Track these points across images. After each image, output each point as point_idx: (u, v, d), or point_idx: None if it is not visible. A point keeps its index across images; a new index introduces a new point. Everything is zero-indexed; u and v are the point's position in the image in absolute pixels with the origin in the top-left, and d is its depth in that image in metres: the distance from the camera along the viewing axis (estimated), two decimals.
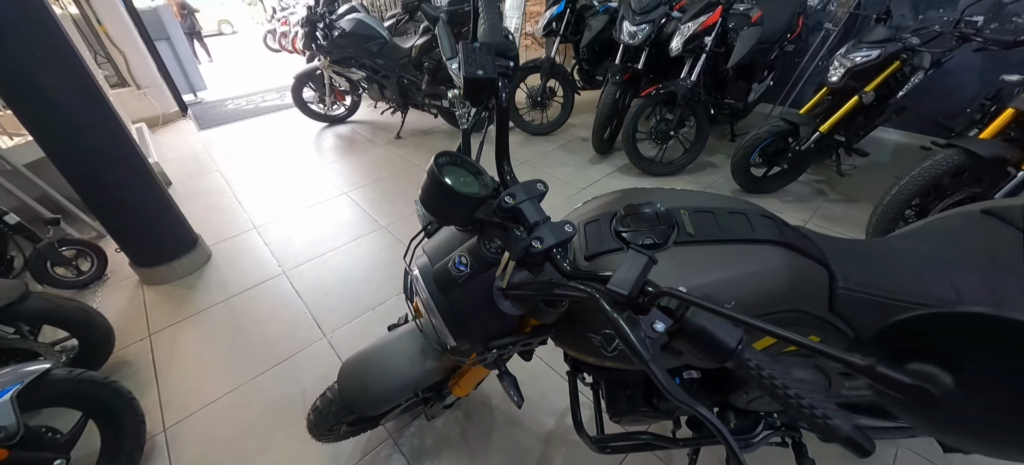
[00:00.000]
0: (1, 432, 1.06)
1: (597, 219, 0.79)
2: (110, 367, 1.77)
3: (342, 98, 4.44)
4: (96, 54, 4.22)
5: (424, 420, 1.49)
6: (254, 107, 5.23)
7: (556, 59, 3.66)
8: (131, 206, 2.06)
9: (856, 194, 2.76)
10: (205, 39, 9.05)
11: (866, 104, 2.38)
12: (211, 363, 1.79)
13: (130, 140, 2.04)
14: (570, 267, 0.63)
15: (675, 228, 0.73)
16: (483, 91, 0.68)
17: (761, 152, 2.73)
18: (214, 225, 2.75)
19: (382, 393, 0.99)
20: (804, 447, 1.10)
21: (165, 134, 4.45)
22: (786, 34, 3.32)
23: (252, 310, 2.07)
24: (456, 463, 1.38)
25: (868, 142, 3.13)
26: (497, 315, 0.73)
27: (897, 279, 0.79)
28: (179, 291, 2.21)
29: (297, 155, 3.78)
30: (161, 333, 1.96)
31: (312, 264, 2.37)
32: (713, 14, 2.78)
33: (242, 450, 1.46)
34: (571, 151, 3.57)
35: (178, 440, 1.50)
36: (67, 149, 1.84)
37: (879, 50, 2.33)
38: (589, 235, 0.78)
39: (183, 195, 3.14)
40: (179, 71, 5.38)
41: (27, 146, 2.54)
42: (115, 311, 2.08)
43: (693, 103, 2.88)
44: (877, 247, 0.88)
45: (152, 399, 1.65)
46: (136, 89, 4.50)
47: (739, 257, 0.71)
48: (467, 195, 0.64)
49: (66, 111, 1.77)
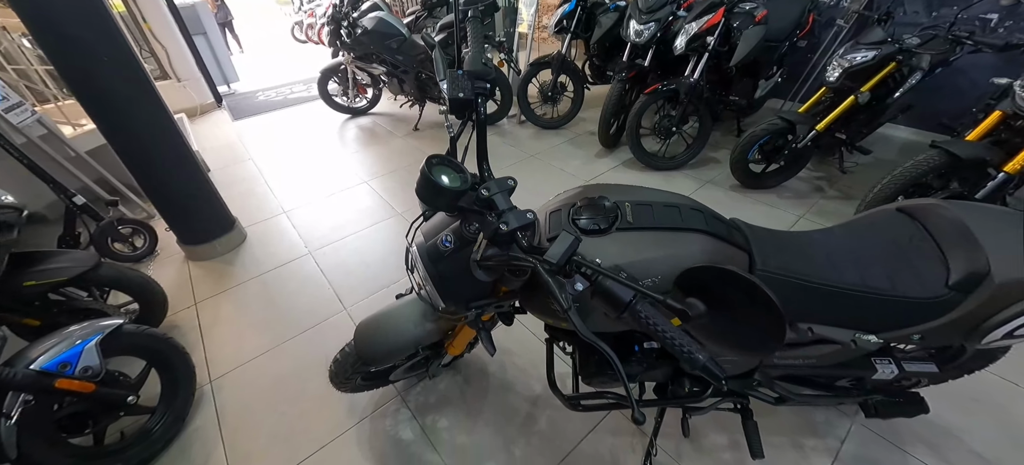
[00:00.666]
0: (90, 370, 1.33)
1: (559, 209, 0.97)
2: (163, 329, 2.05)
3: (364, 91, 4.69)
4: (141, 49, 4.57)
5: (428, 381, 1.71)
6: (283, 99, 5.54)
7: (567, 55, 3.79)
8: (179, 190, 2.34)
9: (854, 191, 2.83)
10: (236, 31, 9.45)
11: (862, 104, 2.45)
12: (248, 328, 2.06)
13: (178, 131, 2.31)
14: (527, 244, 0.82)
15: (618, 217, 0.91)
16: (465, 107, 0.88)
17: (760, 149, 2.82)
18: (248, 209, 3.04)
19: (390, 347, 1.20)
20: (750, 411, 1.26)
21: (202, 124, 4.80)
22: (795, 31, 3.36)
23: (282, 285, 2.33)
24: (454, 417, 1.60)
25: (875, 140, 3.17)
26: (474, 281, 0.93)
27: (812, 264, 0.95)
28: (219, 267, 2.50)
29: (322, 145, 4.05)
30: (205, 302, 2.24)
31: (335, 246, 2.61)
32: (715, 15, 2.87)
33: (275, 400, 1.71)
34: (579, 145, 3.72)
35: (222, 390, 1.77)
36: (127, 138, 2.11)
37: (875, 52, 2.39)
38: (551, 221, 0.96)
39: (221, 181, 3.43)
40: (214, 64, 5.73)
41: (88, 135, 2.87)
42: (165, 283, 2.35)
43: (695, 100, 2.99)
44: (802, 238, 1.03)
45: (199, 357, 1.92)
46: (177, 81, 4.86)
47: (667, 241, 0.88)
48: (450, 188, 0.83)
49: (125, 105, 2.04)
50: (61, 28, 1.77)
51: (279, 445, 1.55)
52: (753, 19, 2.99)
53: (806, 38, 3.55)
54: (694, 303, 0.56)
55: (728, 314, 0.56)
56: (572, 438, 1.51)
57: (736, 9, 2.96)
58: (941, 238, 0.94)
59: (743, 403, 1.27)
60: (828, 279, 0.93)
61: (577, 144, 3.74)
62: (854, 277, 0.93)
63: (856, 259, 0.97)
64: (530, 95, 4.03)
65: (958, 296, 0.88)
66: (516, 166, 3.44)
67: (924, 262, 0.92)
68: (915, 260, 0.93)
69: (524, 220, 0.83)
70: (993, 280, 0.85)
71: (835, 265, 0.96)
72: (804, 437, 1.47)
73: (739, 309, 0.54)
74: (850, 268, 0.95)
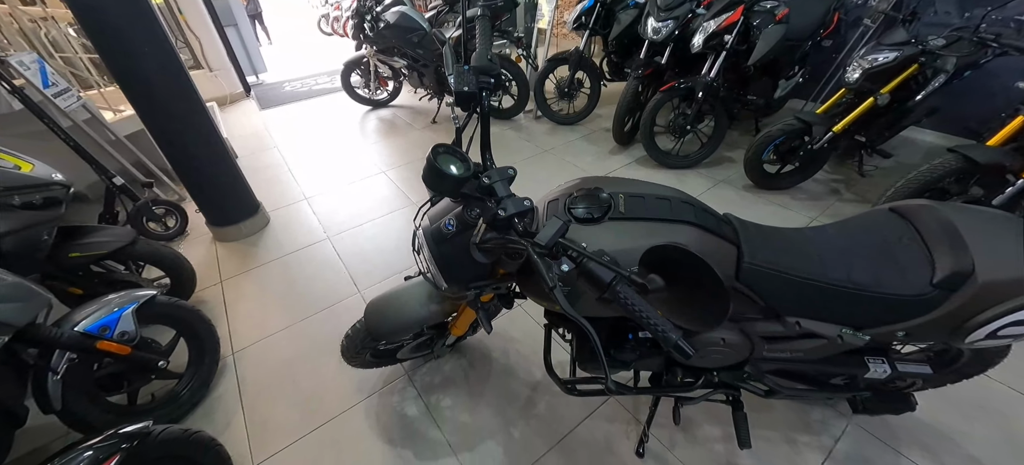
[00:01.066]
0: (126, 335, 1.46)
1: (557, 198, 1.03)
2: (191, 303, 2.18)
3: (385, 84, 4.80)
4: (177, 39, 4.79)
5: (434, 362, 1.79)
6: (308, 90, 5.72)
7: (585, 52, 3.81)
8: (209, 175, 2.48)
9: (871, 195, 2.78)
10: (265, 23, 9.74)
11: (881, 106, 2.41)
12: (269, 306, 2.18)
13: (209, 118, 2.45)
14: (523, 228, 0.88)
15: (611, 207, 0.96)
16: (470, 101, 0.94)
17: (775, 150, 2.80)
18: (272, 195, 3.18)
19: (397, 325, 1.28)
20: (741, 403, 1.30)
21: (231, 112, 5.00)
22: (818, 30, 3.30)
23: (302, 267, 2.45)
24: (457, 397, 1.67)
25: (898, 143, 3.10)
26: (474, 263, 0.99)
27: (800, 260, 0.98)
28: (244, 248, 2.64)
29: (343, 136, 4.18)
30: (230, 280, 2.38)
31: (352, 232, 2.72)
32: (734, 13, 2.84)
33: (292, 372, 1.82)
34: (593, 141, 3.74)
35: (243, 361, 1.89)
36: (163, 124, 2.26)
37: (896, 53, 2.34)
38: (549, 210, 1.02)
39: (247, 168, 3.58)
40: (244, 55, 5.95)
41: (127, 120, 3.05)
42: (194, 260, 2.50)
43: (711, 99, 2.98)
44: (794, 235, 1.06)
45: (223, 330, 2.05)
46: (209, 71, 5.08)
47: (655, 231, 0.92)
48: (454, 176, 0.90)
49: (162, 93, 2.18)
50: (106, 19, 1.91)
51: (294, 414, 1.66)
52: (774, 17, 2.95)
53: (831, 37, 3.47)
54: (654, 278, 0.61)
55: (683, 290, 0.61)
56: (569, 422, 1.56)
57: (756, 7, 2.93)
58: (929, 238, 0.95)
59: (734, 395, 1.30)
60: (814, 274, 0.96)
61: (591, 140, 3.77)
62: (841, 273, 0.96)
63: (845, 256, 0.99)
64: (547, 91, 4.06)
65: (942, 295, 0.90)
66: (530, 160, 3.49)
67: (911, 261, 0.94)
68: (902, 259, 0.95)
69: (521, 206, 0.89)
70: (977, 279, 0.86)
71: (824, 261, 0.98)
72: (798, 433, 1.49)
73: (692, 286, 0.59)
74: (838, 265, 0.97)
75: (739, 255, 0.97)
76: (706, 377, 1.25)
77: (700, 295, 0.59)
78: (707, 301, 0.58)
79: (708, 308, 0.58)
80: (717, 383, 1.26)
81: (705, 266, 0.56)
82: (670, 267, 0.61)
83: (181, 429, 1.23)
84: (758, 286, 0.97)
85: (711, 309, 0.58)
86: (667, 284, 0.61)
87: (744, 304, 1.01)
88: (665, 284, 0.61)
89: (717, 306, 0.57)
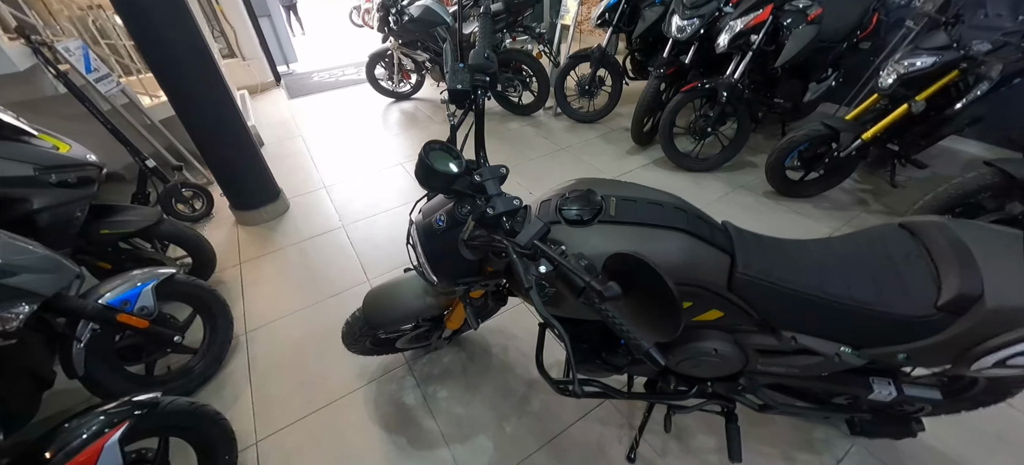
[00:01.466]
0: (145, 309, 1.54)
1: (550, 198, 1.03)
2: (211, 282, 2.29)
3: (408, 77, 4.87)
4: (213, 29, 4.99)
5: (434, 354, 1.83)
6: (335, 80, 5.86)
7: (608, 49, 3.76)
8: (233, 161, 2.59)
9: (901, 207, 2.64)
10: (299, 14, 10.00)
11: (916, 114, 2.28)
12: (283, 289, 2.27)
13: (236, 108, 2.55)
14: (509, 227, 0.89)
15: (601, 210, 0.95)
16: (464, 98, 0.95)
17: (799, 155, 2.69)
18: (294, 182, 3.29)
19: (393, 315, 1.31)
20: (735, 415, 1.26)
21: (261, 100, 5.18)
22: (855, 31, 3.14)
23: (316, 253, 2.53)
24: (454, 389, 1.70)
25: (937, 153, 2.93)
26: (463, 260, 1.00)
27: (797, 272, 0.95)
28: (263, 232, 2.74)
29: (365, 127, 4.27)
30: (248, 263, 2.48)
31: (366, 222, 2.79)
32: (762, 12, 2.74)
33: (299, 354, 1.89)
34: (611, 140, 3.69)
35: (255, 341, 1.98)
36: (193, 112, 2.36)
37: (935, 58, 2.21)
38: (541, 209, 1.02)
39: (273, 155, 3.74)
40: (276, 45, 6.14)
41: (162, 106, 3.21)
42: (216, 242, 2.63)
43: (734, 101, 2.89)
44: (795, 247, 1.02)
45: (239, 310, 2.14)
46: (242, 60, 5.27)
47: (645, 237, 0.91)
48: (444, 172, 0.91)
49: (193, 84, 2.28)
50: (140, 6, 2.01)
51: (298, 394, 1.73)
52: (806, 17, 2.83)
53: (869, 39, 3.30)
54: (612, 286, 0.61)
55: (640, 299, 0.60)
56: (563, 422, 1.56)
57: (787, 6, 2.81)
58: (938, 257, 0.90)
59: (729, 407, 1.27)
60: (810, 287, 0.92)
61: (609, 140, 3.72)
62: (840, 288, 0.92)
63: (846, 271, 0.95)
64: (568, 88, 4.03)
65: (947, 317, 0.85)
66: (545, 158, 3.48)
67: (916, 280, 0.90)
68: (907, 277, 0.90)
69: (510, 206, 0.90)
70: (985, 304, 0.81)
71: (823, 275, 0.95)
72: (798, 452, 1.44)
73: (648, 297, 0.59)
74: (838, 279, 0.93)
75: (732, 264, 0.94)
76: (699, 387, 1.22)
77: (654, 306, 0.58)
78: (660, 312, 0.58)
79: (661, 319, 0.58)
80: (710, 393, 1.23)
81: (659, 277, 0.56)
82: (631, 275, 0.60)
83: (188, 402, 1.30)
84: (751, 297, 0.94)
85: (664, 321, 0.57)
86: (625, 292, 0.61)
87: (737, 315, 0.99)
88: (623, 292, 0.61)
89: (669, 320, 0.57)
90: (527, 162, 3.44)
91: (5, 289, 1.20)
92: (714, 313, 0.98)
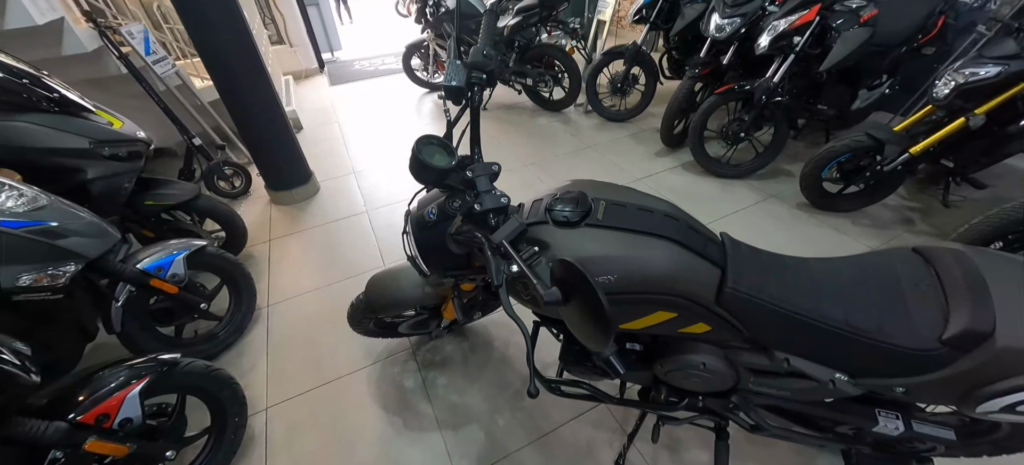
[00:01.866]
0: (176, 277, 1.68)
1: (541, 198, 1.03)
2: (241, 257, 2.46)
3: (442, 68, 4.94)
4: (264, 16, 5.26)
5: (437, 341, 1.87)
6: (374, 69, 6.03)
7: (644, 47, 3.66)
8: (269, 143, 2.74)
9: (950, 229, 2.41)
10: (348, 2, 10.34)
11: (973, 129, 2.08)
12: (306, 267, 2.39)
13: (274, 93, 2.69)
14: (495, 224, 0.90)
15: (589, 214, 0.94)
16: (460, 95, 0.97)
17: (838, 167, 2.53)
18: (326, 166, 3.44)
19: (391, 301, 1.37)
20: (726, 433, 1.23)
21: (304, 87, 5.43)
22: (916, 35, 2.89)
23: (340, 235, 2.65)
24: (453, 378, 1.74)
25: (999, 172, 2.66)
26: (450, 253, 1.03)
27: (792, 292, 0.90)
28: (294, 212, 2.89)
29: (398, 116, 4.38)
30: (278, 240, 2.63)
31: (389, 209, 2.88)
32: (808, 12, 2.58)
33: (316, 329, 2.00)
34: (640, 141, 3.60)
35: (275, 314, 2.10)
36: (234, 95, 2.52)
37: (1000, 68, 2.00)
38: (533, 209, 1.02)
39: (310, 139, 3.92)
40: (322, 33, 6.39)
41: (210, 89, 3.42)
42: (250, 219, 2.81)
43: (772, 105, 2.74)
44: (795, 264, 0.97)
45: (263, 285, 2.28)
46: (289, 47, 5.53)
47: (631, 243, 0.90)
48: (435, 167, 0.93)
49: (237, 72, 2.44)
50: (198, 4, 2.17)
51: (308, 367, 1.82)
52: (858, 19, 2.64)
53: (933, 44, 3.03)
54: (553, 292, 0.61)
55: (580, 307, 0.60)
56: (554, 421, 1.57)
57: (837, 6, 2.63)
58: (949, 287, 0.83)
59: (721, 424, 1.23)
60: (804, 309, 0.88)
61: (639, 140, 3.63)
62: (837, 312, 0.87)
63: (847, 295, 0.90)
64: (600, 85, 3.96)
65: (950, 353, 0.79)
66: (571, 156, 3.45)
67: (922, 310, 0.83)
68: (912, 306, 0.84)
69: (497, 203, 0.91)
70: (995, 343, 0.75)
71: (820, 297, 0.90)
72: None
73: (586, 306, 0.58)
74: (836, 303, 0.88)
75: (722, 279, 0.91)
76: (690, 399, 1.19)
77: (588, 318, 0.58)
78: (594, 323, 0.57)
79: (594, 330, 0.58)
80: (702, 407, 1.20)
81: (592, 289, 0.55)
82: (575, 283, 0.60)
83: (205, 365, 1.41)
84: (740, 313, 0.91)
85: (597, 333, 0.57)
86: (567, 299, 0.61)
87: (727, 331, 0.96)
88: (564, 299, 0.61)
89: (601, 333, 0.56)
90: (553, 158, 3.42)
91: (57, 250, 1.34)
92: (701, 326, 0.96)
